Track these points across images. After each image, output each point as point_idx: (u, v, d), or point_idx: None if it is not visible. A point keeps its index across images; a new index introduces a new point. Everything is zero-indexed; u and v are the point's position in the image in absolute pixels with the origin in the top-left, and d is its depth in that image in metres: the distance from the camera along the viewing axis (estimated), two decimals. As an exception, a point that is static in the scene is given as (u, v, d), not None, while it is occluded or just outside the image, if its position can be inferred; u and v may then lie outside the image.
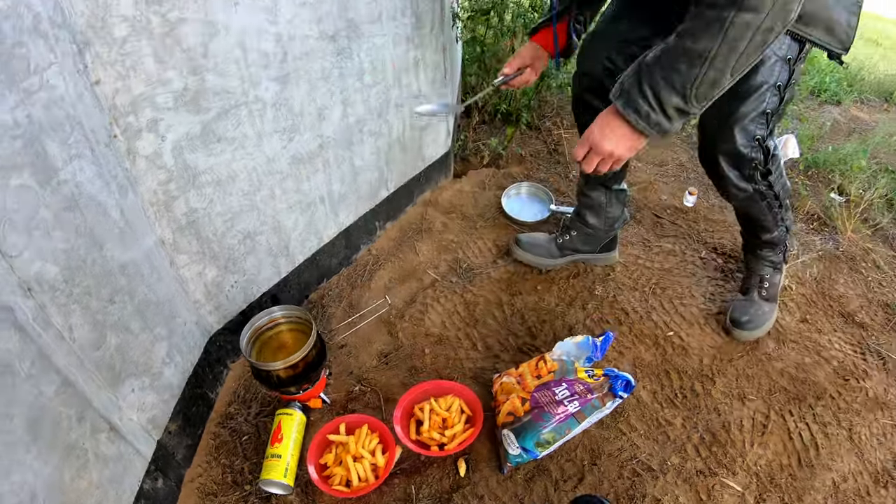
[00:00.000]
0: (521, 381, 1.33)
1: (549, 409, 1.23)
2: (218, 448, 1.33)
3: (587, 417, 1.25)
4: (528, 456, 1.20)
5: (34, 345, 0.84)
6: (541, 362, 1.36)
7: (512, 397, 1.29)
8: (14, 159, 0.77)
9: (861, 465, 1.31)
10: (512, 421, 1.24)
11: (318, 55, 1.35)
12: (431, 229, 1.98)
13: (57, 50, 0.83)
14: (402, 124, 1.80)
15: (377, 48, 1.53)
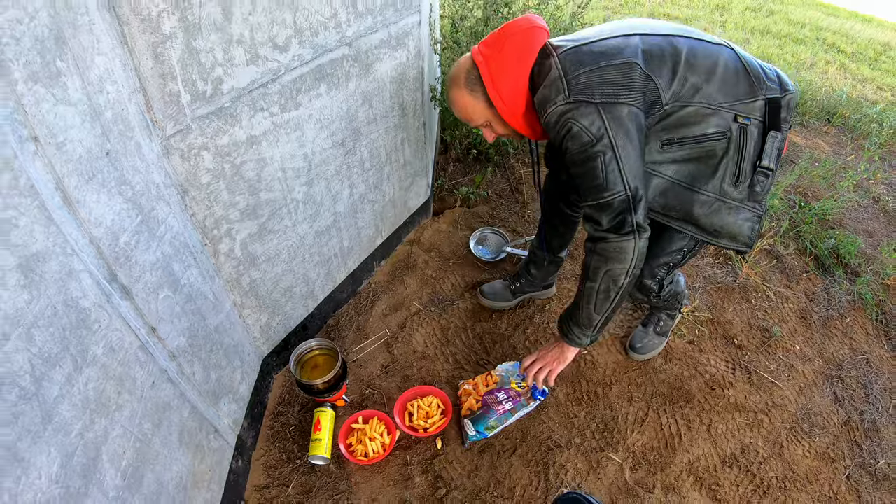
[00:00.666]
0: (476, 389, 2.08)
1: (494, 407, 1.98)
2: (273, 436, 2.04)
3: (518, 412, 2.02)
4: (480, 436, 1.96)
5: (177, 388, 1.52)
6: (488, 376, 2.11)
7: (470, 399, 2.05)
8: (159, 282, 1.45)
9: (714, 450, 2.02)
10: (469, 414, 2.00)
11: (332, 159, 2.02)
12: (416, 265, 2.68)
13: (171, 202, 1.52)
14: (392, 189, 2.49)
15: (373, 140, 2.21)
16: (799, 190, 3.32)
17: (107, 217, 1.17)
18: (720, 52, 1.58)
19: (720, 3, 8.50)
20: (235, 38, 1.43)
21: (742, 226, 1.67)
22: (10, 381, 0.95)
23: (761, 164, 1.61)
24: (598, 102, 1.44)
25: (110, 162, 1.17)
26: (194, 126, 1.41)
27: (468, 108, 1.67)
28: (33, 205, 0.97)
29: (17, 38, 0.91)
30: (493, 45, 1.59)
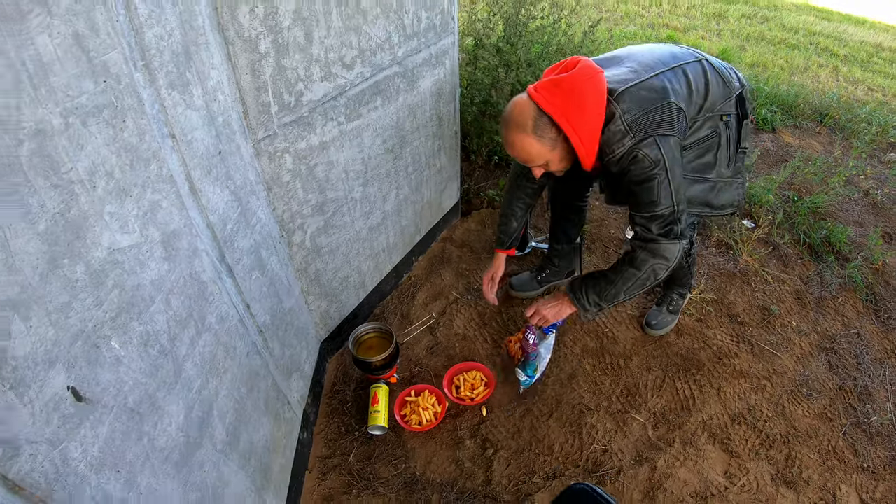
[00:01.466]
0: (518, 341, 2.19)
1: (528, 350, 2.06)
2: (332, 412, 2.15)
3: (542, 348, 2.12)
4: (530, 380, 2.10)
5: (263, 360, 1.65)
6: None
7: (516, 348, 2.19)
8: (252, 265, 1.57)
9: (724, 410, 2.13)
10: (517, 364, 2.11)
11: (384, 163, 2.15)
12: (451, 260, 2.80)
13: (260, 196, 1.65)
14: (430, 191, 2.62)
15: (415, 147, 2.34)
16: (793, 186, 3.41)
17: (219, 206, 1.30)
18: (703, 67, 1.78)
19: (717, 11, 8.49)
20: (314, 58, 1.56)
21: (735, 194, 1.95)
22: (153, 339, 1.07)
23: (741, 145, 1.88)
24: (656, 136, 1.60)
25: (221, 160, 1.29)
26: (279, 132, 1.55)
27: (532, 151, 1.67)
28: (171, 191, 1.09)
29: (160, 51, 1.04)
30: (564, 91, 1.59)
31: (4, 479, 0.74)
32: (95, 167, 0.87)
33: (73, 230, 0.83)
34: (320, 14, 1.55)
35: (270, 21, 1.39)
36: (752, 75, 5.18)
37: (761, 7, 9.25)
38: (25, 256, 0.75)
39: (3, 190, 0.71)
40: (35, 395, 0.78)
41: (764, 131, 4.23)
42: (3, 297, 0.72)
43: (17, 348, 0.75)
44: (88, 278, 0.87)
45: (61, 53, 0.79)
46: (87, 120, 0.84)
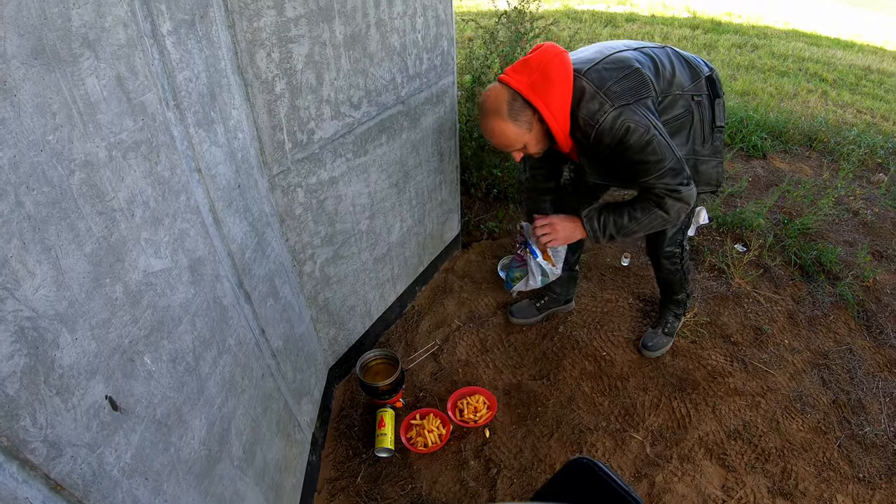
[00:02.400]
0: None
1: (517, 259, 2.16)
2: (339, 436, 2.20)
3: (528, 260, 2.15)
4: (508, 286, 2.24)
5: (276, 383, 1.72)
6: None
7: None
8: (267, 292, 1.66)
9: (719, 427, 2.17)
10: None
11: (388, 197, 2.25)
12: (452, 290, 2.87)
13: (274, 228, 1.74)
14: (432, 224, 2.71)
15: (418, 182, 2.44)
16: (783, 210, 3.49)
17: (238, 236, 1.39)
18: (668, 52, 1.91)
19: (707, 42, 8.67)
20: (324, 98, 1.68)
21: (712, 172, 2.03)
22: (181, 356, 1.15)
23: (716, 124, 1.97)
24: (634, 102, 1.69)
25: (241, 193, 1.39)
26: (293, 168, 1.65)
27: (510, 135, 1.74)
28: (197, 221, 1.18)
29: (189, 93, 1.14)
30: (534, 71, 1.69)
31: (47, 479, 0.80)
32: (134, 197, 0.96)
33: (114, 253, 0.92)
34: (331, 58, 1.67)
35: (285, 64, 1.51)
36: (742, 103, 5.31)
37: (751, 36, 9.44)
38: (74, 275, 0.83)
39: (57, 214, 0.80)
40: (78, 401, 0.85)
41: (754, 157, 4.33)
42: (53, 311, 0.80)
43: (64, 358, 0.83)
44: (126, 298, 0.95)
45: (106, 94, 0.88)
46: (127, 154, 0.94)
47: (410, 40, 2.08)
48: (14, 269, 0.74)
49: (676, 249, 2.26)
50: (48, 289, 0.79)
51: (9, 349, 0.73)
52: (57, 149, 0.80)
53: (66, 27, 0.80)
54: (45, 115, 0.78)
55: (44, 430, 0.79)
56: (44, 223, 0.78)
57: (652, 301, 2.76)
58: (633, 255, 3.08)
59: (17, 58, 0.72)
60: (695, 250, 3.13)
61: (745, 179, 3.84)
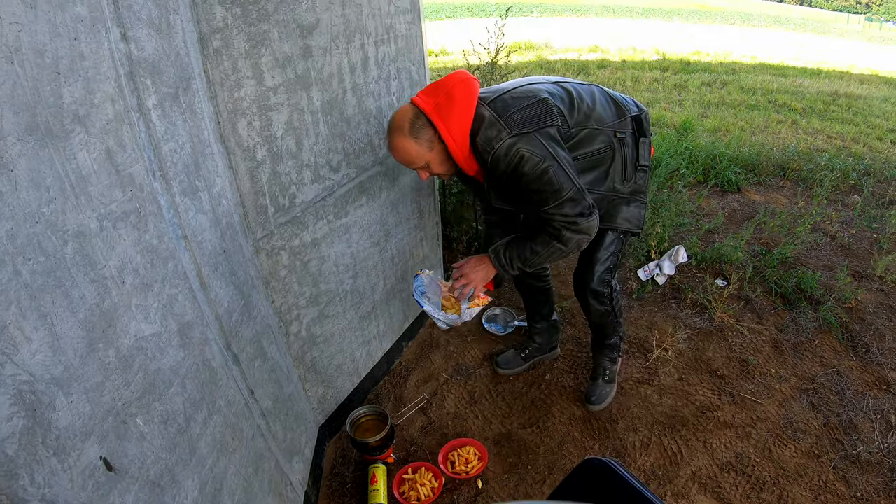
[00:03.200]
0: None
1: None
2: (332, 493, 2.20)
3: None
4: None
5: (267, 443, 1.74)
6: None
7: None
8: (255, 353, 1.70)
9: (711, 461, 2.20)
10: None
11: (371, 256, 2.32)
12: (439, 344, 2.92)
13: (259, 290, 1.80)
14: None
15: (399, 240, 2.52)
16: (760, 241, 3.61)
17: (225, 299, 1.45)
18: (593, 89, 1.99)
19: (677, 82, 8.96)
20: (304, 163, 1.78)
21: (633, 212, 2.10)
22: (172, 418, 1.19)
23: (639, 163, 2.03)
24: (535, 130, 1.75)
25: (226, 258, 1.46)
26: (276, 231, 1.72)
27: (411, 152, 1.80)
28: (185, 286, 1.25)
29: (175, 163, 1.23)
30: (439, 93, 1.77)
31: (46, 540, 0.84)
32: (124, 265, 1.03)
33: (106, 319, 0.98)
34: (309, 124, 1.77)
35: (266, 132, 1.60)
36: (714, 140, 5.49)
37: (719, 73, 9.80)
38: (69, 340, 0.89)
39: (52, 283, 0.86)
40: (74, 462, 0.90)
41: (729, 192, 4.48)
42: (49, 375, 0.86)
43: (60, 420, 0.88)
44: (118, 362, 1.01)
45: (96, 167, 0.96)
46: (117, 224, 1.01)
47: (386, 102, 2.19)
48: (12, 335, 0.79)
49: (605, 290, 2.23)
50: (45, 354, 0.84)
51: (8, 411, 0.78)
52: (51, 220, 0.87)
53: (59, 104, 0.88)
54: (39, 189, 0.84)
55: (42, 489, 0.83)
56: (40, 291, 0.84)
57: (636, 342, 2.82)
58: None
59: (12, 134, 0.79)
60: (676, 289, 3.21)
61: (721, 215, 3.96)
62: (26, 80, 0.82)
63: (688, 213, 4.05)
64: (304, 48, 1.71)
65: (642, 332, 2.88)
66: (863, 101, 7.95)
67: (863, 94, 8.39)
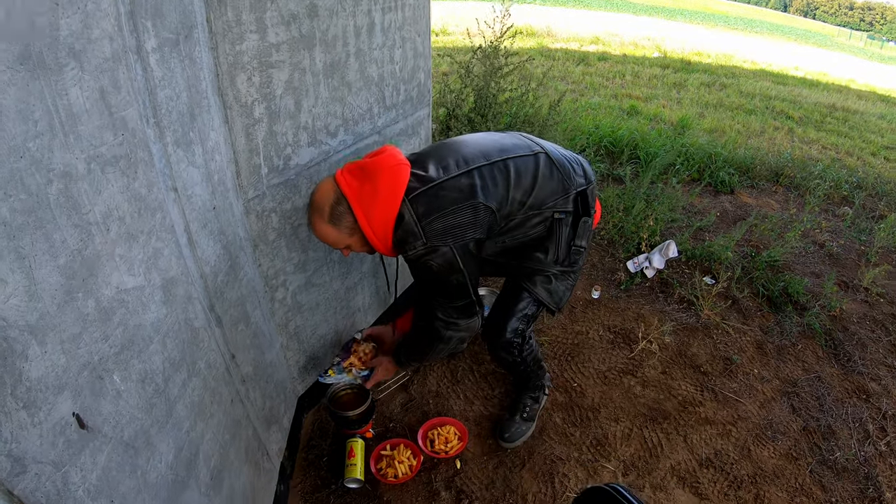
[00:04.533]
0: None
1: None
2: (308, 466, 2.17)
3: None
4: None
5: (245, 409, 1.68)
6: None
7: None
8: (238, 316, 1.64)
9: (691, 456, 2.20)
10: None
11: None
12: (426, 319, 2.88)
13: (247, 253, 1.75)
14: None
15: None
16: (750, 243, 3.60)
17: (211, 258, 1.39)
18: (538, 161, 1.80)
19: (677, 80, 8.93)
20: (302, 125, 1.71)
21: (559, 290, 1.96)
22: (150, 377, 1.14)
23: (575, 243, 1.88)
24: (451, 244, 1.64)
25: (216, 215, 1.40)
26: (268, 193, 1.66)
27: (330, 238, 1.70)
28: (172, 240, 1.19)
29: (169, 111, 1.16)
30: (366, 181, 1.63)
31: (10, 496, 0.79)
32: (110, 212, 0.96)
33: (87, 267, 0.92)
34: (310, 85, 1.70)
35: (265, 89, 1.54)
36: (710, 140, 5.49)
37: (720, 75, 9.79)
38: (46, 286, 0.83)
39: (33, 223, 0.80)
40: (44, 416, 0.84)
41: (723, 193, 4.46)
42: (24, 321, 0.80)
43: (32, 371, 0.82)
44: (98, 314, 0.95)
45: (89, 106, 0.89)
46: (105, 168, 0.95)
47: (388, 71, 2.13)
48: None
49: (516, 339, 2.05)
50: (20, 298, 0.78)
51: (-23, 358, 0.73)
52: (37, 157, 0.80)
53: (54, 36, 0.81)
54: (27, 122, 0.78)
55: (8, 444, 0.78)
56: (19, 231, 0.78)
57: (623, 334, 2.80)
58: (602, 287, 3.12)
59: (3, 62, 0.73)
60: (664, 283, 3.20)
61: (713, 214, 3.94)
62: (22, 7, 0.76)
63: (680, 209, 4.03)
64: (311, 7, 1.64)
65: (629, 324, 2.87)
66: (859, 116, 7.99)
67: (860, 109, 8.44)
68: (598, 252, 3.51)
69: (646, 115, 6.69)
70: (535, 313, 2.04)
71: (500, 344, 2.06)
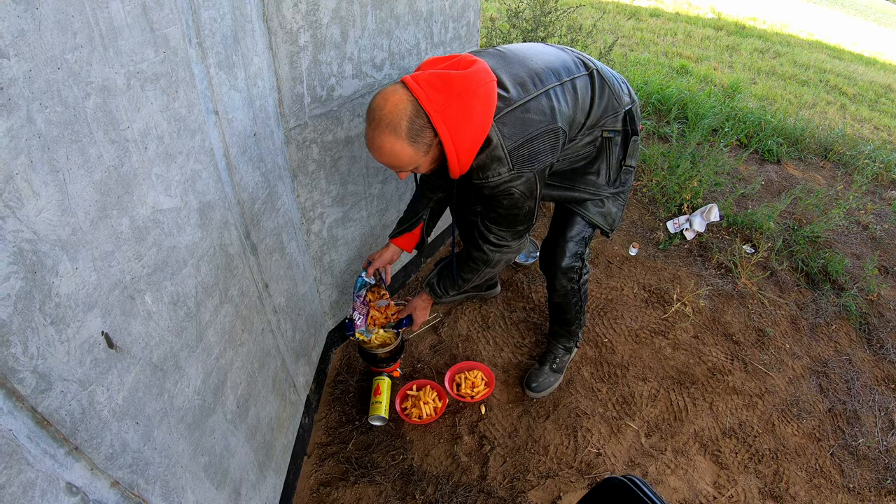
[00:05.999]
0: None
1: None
2: (333, 401, 2.17)
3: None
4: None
5: (275, 340, 1.67)
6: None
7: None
8: (274, 246, 1.61)
9: (715, 424, 2.14)
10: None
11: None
12: (459, 265, 2.83)
13: (286, 182, 1.69)
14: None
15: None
16: (794, 216, 3.44)
17: (250, 185, 1.34)
18: (593, 79, 1.64)
19: (730, 44, 8.50)
20: (347, 56, 1.62)
21: (613, 211, 1.89)
22: (182, 300, 1.10)
23: (626, 163, 1.80)
24: (536, 170, 1.51)
25: (256, 142, 1.34)
26: (310, 123, 1.59)
27: (402, 157, 1.38)
28: (210, 163, 1.13)
29: (213, 33, 1.09)
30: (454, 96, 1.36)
31: (34, 412, 0.76)
32: (148, 130, 0.91)
33: (123, 185, 0.86)
34: (357, 15, 1.60)
35: (311, 17, 1.44)
36: (760, 107, 5.21)
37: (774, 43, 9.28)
38: (80, 201, 0.78)
39: (68, 136, 0.74)
40: (72, 334, 0.81)
41: (769, 162, 4.25)
42: (56, 236, 0.75)
43: (62, 287, 0.78)
44: (132, 232, 0.90)
45: (130, 20, 0.83)
46: (145, 85, 0.88)
47: (438, 7, 2.01)
48: (18, 188, 0.68)
49: (576, 263, 1.97)
50: (52, 212, 0.74)
51: (5, 270, 0.68)
52: (75, 69, 0.74)
53: (96, -58, 0.74)
54: (65, 33, 0.72)
55: (34, 360, 0.74)
56: (54, 143, 0.73)
57: (657, 294, 2.72)
58: (640, 245, 3.03)
59: (40, -30, 0.67)
60: (703, 246, 3.08)
61: (758, 181, 3.76)
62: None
63: (725, 173, 3.85)
64: (364, -71, 1.53)
65: (664, 284, 2.77)
66: (916, 101, 7.52)
67: (918, 94, 7.95)
68: (638, 209, 3.38)
69: (696, 75, 6.36)
70: (590, 235, 1.97)
71: (561, 269, 1.97)
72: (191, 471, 1.17)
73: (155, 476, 1.03)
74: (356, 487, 1.88)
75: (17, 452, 0.72)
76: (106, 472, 0.90)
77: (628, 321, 2.54)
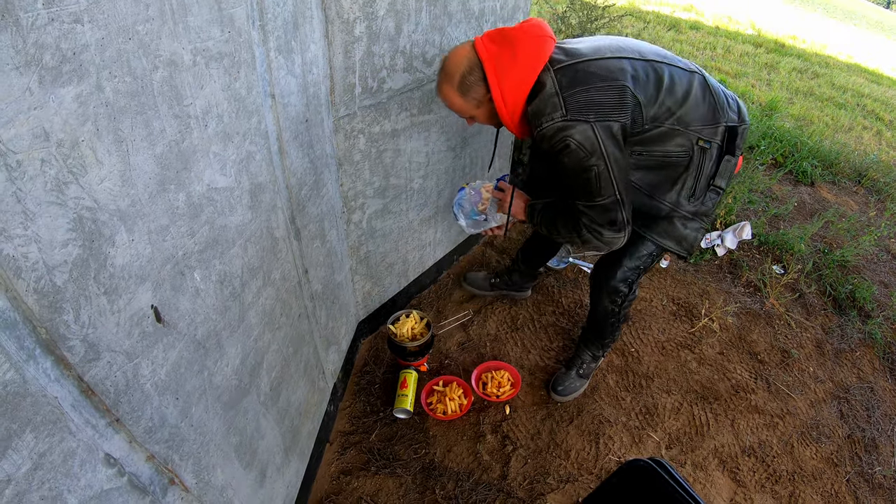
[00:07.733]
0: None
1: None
2: (359, 391, 2.14)
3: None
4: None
5: (310, 326, 1.64)
6: None
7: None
8: (315, 233, 1.58)
9: (735, 441, 2.07)
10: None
11: (444, 160, 2.15)
12: (489, 264, 2.78)
13: (332, 170, 1.67)
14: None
15: (475, 150, 2.33)
16: (825, 239, 3.33)
17: (298, 170, 1.31)
18: (693, 79, 1.56)
19: (769, 61, 8.30)
20: (399, 49, 1.59)
21: (689, 235, 1.73)
22: (228, 280, 1.07)
23: (714, 182, 1.64)
24: (593, 122, 1.42)
25: (307, 128, 1.31)
26: (359, 113, 1.56)
27: (456, 105, 1.58)
28: (264, 146, 1.11)
29: (275, 17, 1.06)
30: (504, 42, 1.47)
31: (80, 381, 0.74)
32: (210, 108, 0.88)
33: (182, 160, 0.84)
34: (412, 10, 1.58)
35: (368, 8, 1.42)
36: (797, 127, 5.08)
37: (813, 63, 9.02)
38: (141, 173, 0.76)
39: (134, 107, 0.72)
40: (123, 305, 0.78)
41: (802, 184, 4.12)
42: (115, 206, 0.73)
43: (118, 257, 0.76)
44: (187, 208, 0.88)
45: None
46: (210, 63, 0.86)
47: (489, 7, 1.97)
48: (83, 154, 0.66)
49: (624, 289, 1.87)
50: (113, 182, 0.71)
51: (64, 237, 0.66)
52: (145, 41, 0.72)
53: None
54: (138, 4, 0.70)
55: (85, 328, 0.72)
56: (120, 113, 0.70)
57: (686, 308, 2.65)
58: (671, 257, 2.96)
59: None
60: (734, 263, 2.99)
61: (791, 202, 3.66)
62: None
63: (759, 192, 3.75)
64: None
65: (693, 298, 2.70)
66: (954, 133, 7.27)
67: (956, 126, 7.69)
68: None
69: (734, 91, 6.25)
70: (650, 265, 1.84)
71: (607, 289, 1.88)
72: (223, 450, 1.15)
73: (189, 453, 1.01)
74: (377, 478, 1.85)
75: (60, 420, 0.70)
76: (143, 446, 0.87)
77: (656, 332, 2.47)
